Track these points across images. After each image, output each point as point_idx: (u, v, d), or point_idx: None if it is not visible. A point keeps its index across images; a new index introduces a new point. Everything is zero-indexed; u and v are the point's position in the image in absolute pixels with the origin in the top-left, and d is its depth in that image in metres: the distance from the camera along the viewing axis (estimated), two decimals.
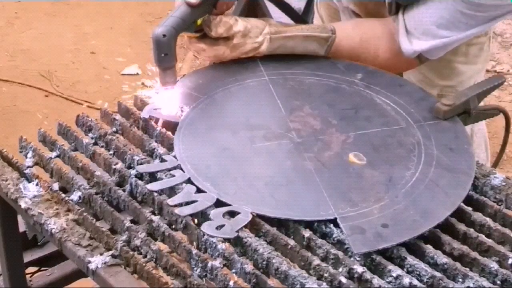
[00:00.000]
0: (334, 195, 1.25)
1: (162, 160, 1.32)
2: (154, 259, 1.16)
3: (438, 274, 1.12)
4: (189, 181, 1.27)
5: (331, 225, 1.20)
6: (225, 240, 1.16)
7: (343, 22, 1.79)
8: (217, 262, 1.13)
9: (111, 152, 1.37)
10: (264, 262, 1.14)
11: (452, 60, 1.77)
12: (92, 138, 1.42)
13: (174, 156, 1.33)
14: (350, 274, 1.12)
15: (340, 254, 1.15)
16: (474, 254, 1.16)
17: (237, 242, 1.17)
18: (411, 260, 1.15)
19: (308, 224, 1.21)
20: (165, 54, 1.43)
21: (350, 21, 1.77)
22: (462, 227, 1.22)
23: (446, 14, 1.52)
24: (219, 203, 1.23)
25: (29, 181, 1.32)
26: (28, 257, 1.56)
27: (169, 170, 1.30)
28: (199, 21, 1.49)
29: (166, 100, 1.45)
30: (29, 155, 1.38)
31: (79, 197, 1.29)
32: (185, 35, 1.52)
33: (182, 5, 1.46)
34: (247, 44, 1.54)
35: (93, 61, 3.98)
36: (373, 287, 1.10)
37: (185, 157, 1.33)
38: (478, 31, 1.58)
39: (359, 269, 1.11)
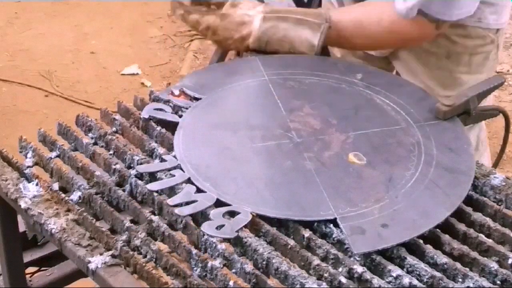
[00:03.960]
0: (334, 195, 1.25)
1: (162, 160, 1.32)
2: (154, 259, 1.16)
3: (438, 274, 1.12)
4: (189, 181, 1.27)
5: (331, 225, 1.20)
6: (225, 240, 1.17)
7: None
8: (217, 262, 1.13)
9: (111, 152, 1.37)
10: (264, 262, 1.14)
11: (455, 70, 1.75)
12: (92, 138, 1.42)
13: (174, 156, 1.33)
14: (350, 274, 1.12)
15: (340, 254, 1.15)
16: (474, 254, 1.16)
17: (237, 242, 1.17)
18: (411, 260, 1.15)
19: (308, 224, 1.21)
20: None
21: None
22: (462, 227, 1.22)
23: None
24: (219, 203, 1.23)
25: (29, 181, 1.32)
26: (28, 257, 1.55)
27: (169, 170, 1.30)
28: None
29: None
30: (29, 155, 1.38)
31: (79, 197, 1.29)
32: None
33: None
34: (236, 15, 1.57)
35: (93, 61, 3.98)
36: (373, 287, 1.10)
37: (185, 157, 1.33)
38: None
39: (359, 269, 1.11)
